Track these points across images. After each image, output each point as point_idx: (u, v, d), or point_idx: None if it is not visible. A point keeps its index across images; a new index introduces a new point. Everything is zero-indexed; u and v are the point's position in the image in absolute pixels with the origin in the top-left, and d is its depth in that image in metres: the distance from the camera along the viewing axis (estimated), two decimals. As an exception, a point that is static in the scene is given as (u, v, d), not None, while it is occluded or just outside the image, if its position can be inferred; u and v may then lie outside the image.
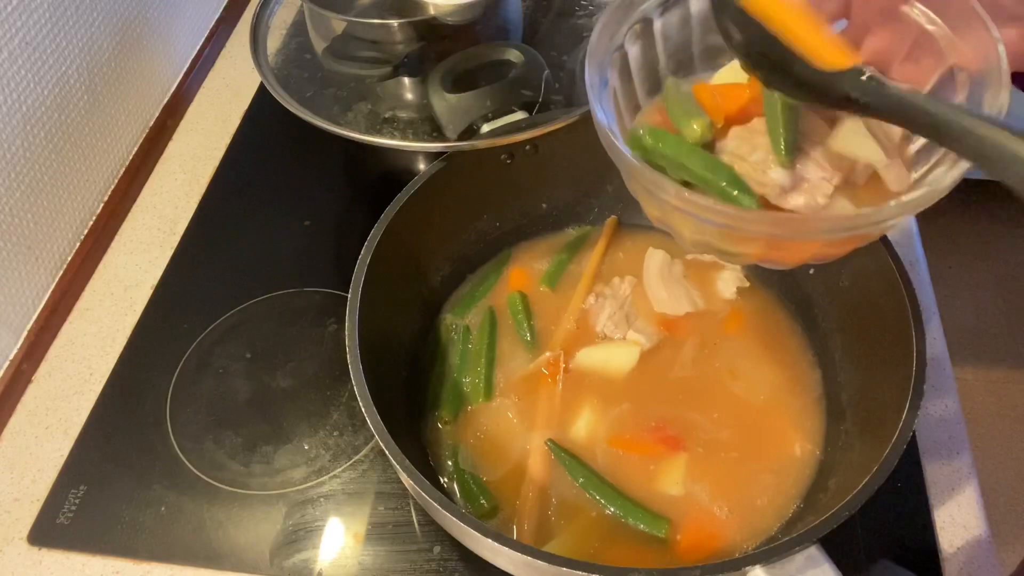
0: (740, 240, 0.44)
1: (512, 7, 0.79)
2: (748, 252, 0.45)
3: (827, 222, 0.43)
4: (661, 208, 0.46)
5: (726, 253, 0.46)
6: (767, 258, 0.46)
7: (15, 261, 0.73)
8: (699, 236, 0.45)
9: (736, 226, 0.42)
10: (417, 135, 0.72)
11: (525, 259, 0.74)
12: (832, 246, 0.45)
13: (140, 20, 0.89)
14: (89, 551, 0.62)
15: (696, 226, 0.45)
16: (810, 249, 0.45)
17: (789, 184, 0.44)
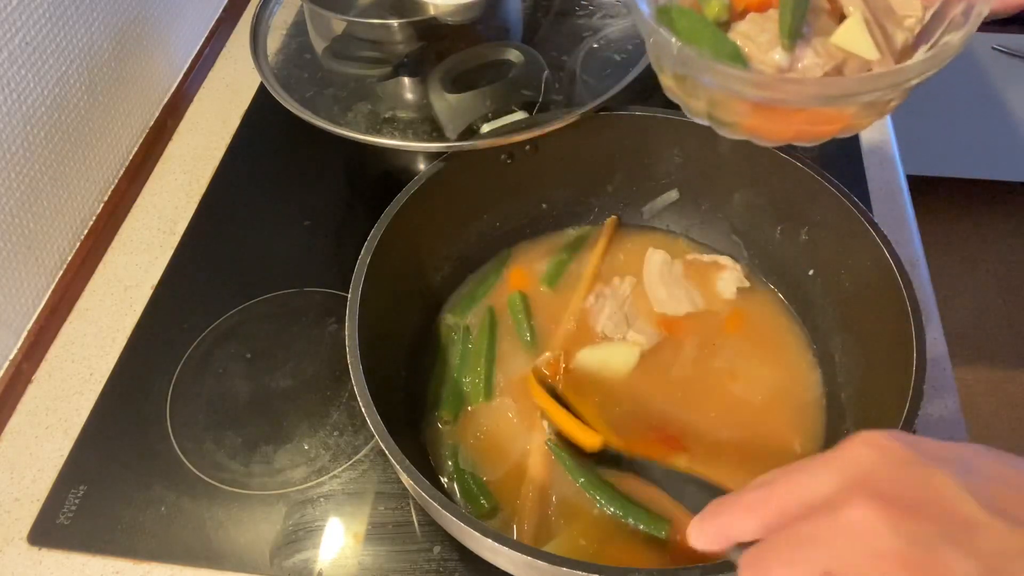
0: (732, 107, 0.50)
1: (512, 7, 0.79)
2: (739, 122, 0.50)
3: (815, 86, 0.47)
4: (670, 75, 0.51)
5: (722, 123, 0.51)
6: (756, 130, 0.51)
7: (15, 261, 0.73)
8: (700, 103, 0.51)
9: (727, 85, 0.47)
10: (417, 135, 0.72)
11: (525, 259, 0.74)
12: (815, 123, 0.49)
13: (140, 20, 0.89)
14: (89, 551, 0.62)
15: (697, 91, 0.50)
16: (795, 122, 0.49)
17: (786, 66, 0.48)
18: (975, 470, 0.29)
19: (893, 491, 0.28)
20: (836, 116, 0.49)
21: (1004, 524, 0.27)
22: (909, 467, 0.29)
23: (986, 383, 1.67)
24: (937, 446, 0.30)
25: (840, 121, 0.49)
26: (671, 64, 0.50)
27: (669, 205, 0.74)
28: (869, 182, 0.83)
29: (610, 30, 0.81)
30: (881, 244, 0.58)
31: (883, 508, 0.28)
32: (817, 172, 0.63)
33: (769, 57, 0.48)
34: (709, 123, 0.52)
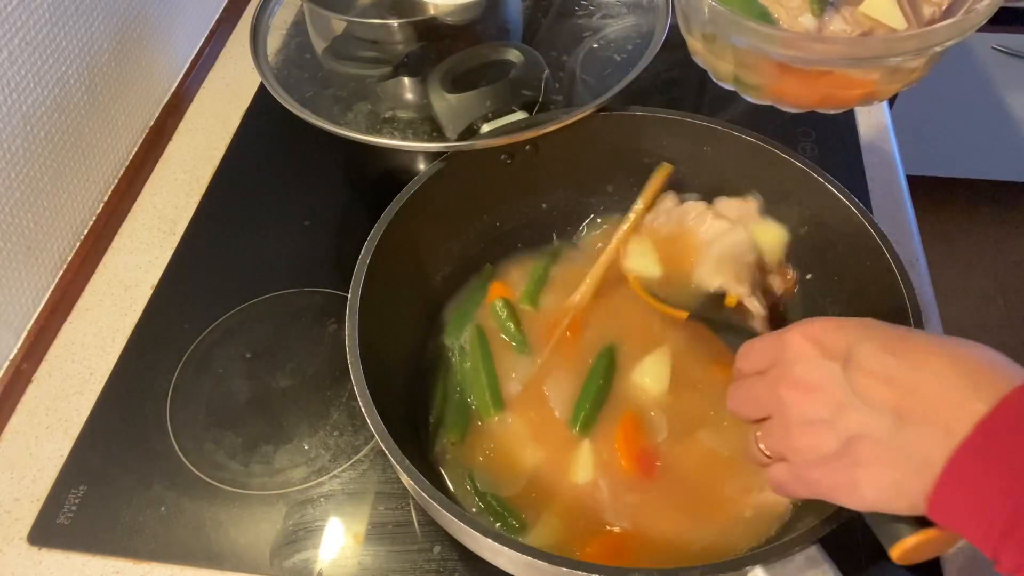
0: (758, 68, 0.51)
1: (512, 7, 0.79)
2: (764, 84, 0.52)
3: (842, 46, 0.48)
4: (701, 33, 0.53)
5: (748, 85, 0.53)
6: (781, 93, 0.52)
7: (15, 261, 0.73)
8: (727, 65, 0.52)
9: (756, 43, 0.48)
10: (417, 135, 0.72)
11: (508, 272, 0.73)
12: (841, 87, 0.50)
13: (140, 20, 0.89)
14: (89, 551, 0.62)
15: (725, 53, 0.51)
16: (821, 86, 0.50)
17: (814, 30, 0.49)
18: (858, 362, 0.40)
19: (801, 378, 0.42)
20: (861, 81, 0.49)
21: (866, 407, 0.39)
22: (814, 361, 0.42)
23: (986, 383, 1.67)
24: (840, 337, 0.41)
25: (864, 86, 0.50)
26: (701, 24, 0.50)
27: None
28: (869, 182, 0.83)
29: (610, 30, 0.81)
30: (881, 244, 0.58)
31: (795, 389, 0.42)
32: (817, 171, 0.63)
33: (797, 23, 0.49)
34: (734, 87, 0.53)
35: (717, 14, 0.47)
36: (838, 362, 0.41)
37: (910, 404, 0.38)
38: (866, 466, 0.39)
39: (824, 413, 0.41)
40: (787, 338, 0.44)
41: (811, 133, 0.86)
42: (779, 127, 0.83)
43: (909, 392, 0.38)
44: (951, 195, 1.92)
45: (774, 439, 0.44)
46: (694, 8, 0.49)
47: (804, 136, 0.86)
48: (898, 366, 0.39)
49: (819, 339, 0.42)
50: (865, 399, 0.39)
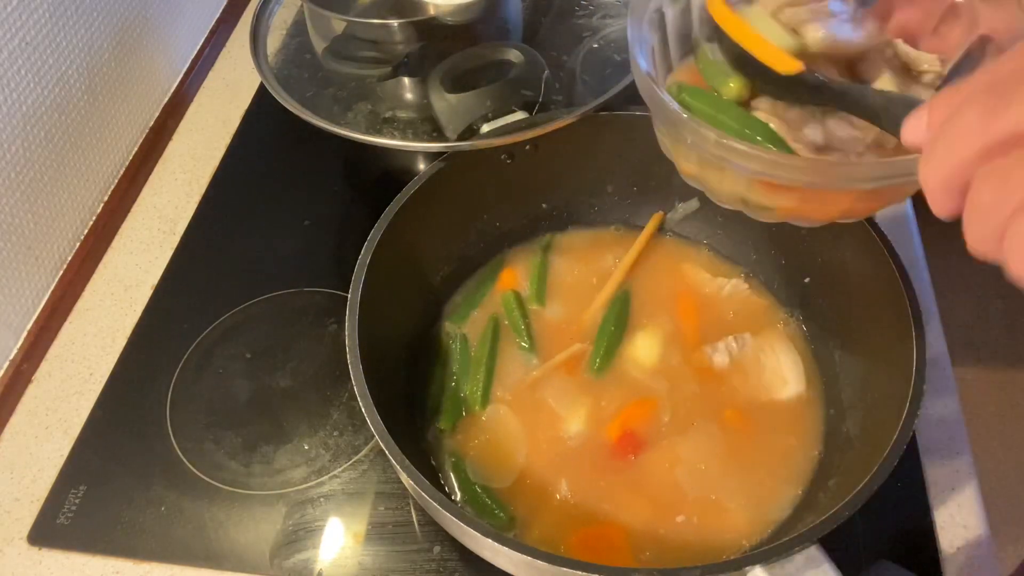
0: (774, 192, 0.45)
1: (512, 7, 0.79)
2: (781, 206, 0.46)
3: (863, 168, 0.43)
4: (696, 162, 0.47)
5: (759, 208, 0.47)
6: (798, 213, 0.47)
7: (15, 261, 0.73)
8: (734, 189, 0.46)
9: (773, 173, 0.43)
10: (417, 135, 0.72)
11: (519, 260, 0.74)
12: (862, 200, 0.46)
13: (140, 20, 0.89)
14: (89, 551, 0.62)
15: (732, 178, 0.46)
16: (841, 203, 0.45)
17: (822, 142, 0.45)
18: None
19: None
20: (885, 193, 0.45)
21: None
22: None
23: (986, 383, 1.67)
24: None
25: (889, 197, 0.46)
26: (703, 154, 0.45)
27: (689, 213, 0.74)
28: (869, 182, 0.83)
29: (610, 30, 0.81)
30: (881, 244, 0.58)
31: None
32: (817, 172, 0.63)
33: (802, 134, 0.45)
34: (741, 208, 0.48)
35: (727, 146, 0.42)
36: None
37: None
38: None
39: None
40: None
41: (811, 133, 0.86)
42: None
43: None
44: (951, 195, 1.91)
45: None
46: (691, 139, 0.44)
47: (804, 136, 0.86)
48: None
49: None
50: None
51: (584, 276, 0.72)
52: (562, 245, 0.75)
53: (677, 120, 0.45)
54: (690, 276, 0.72)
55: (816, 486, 0.58)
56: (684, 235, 0.74)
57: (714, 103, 0.46)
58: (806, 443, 0.61)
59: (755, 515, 0.58)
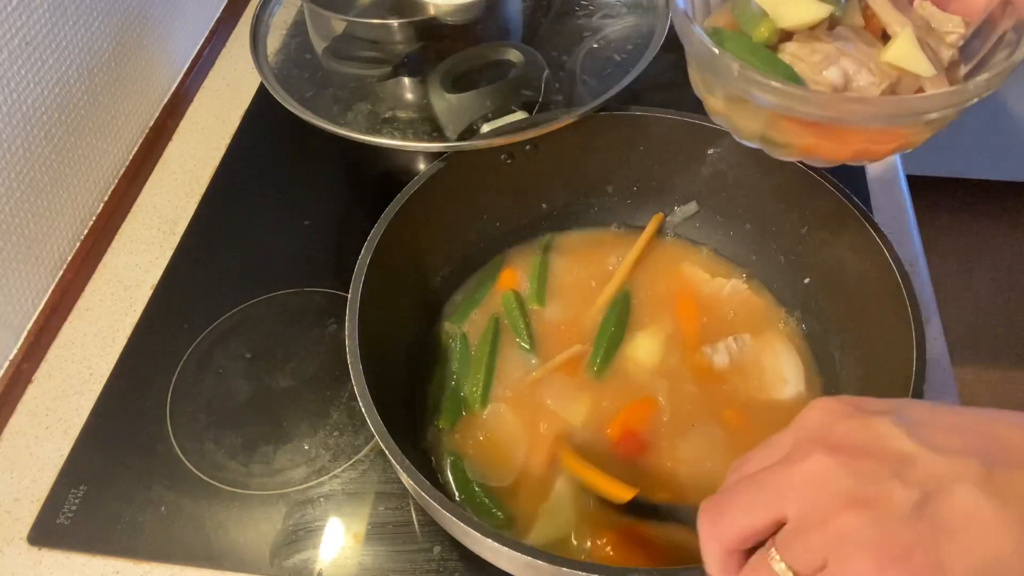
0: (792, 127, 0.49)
1: (512, 7, 0.79)
2: (797, 143, 0.49)
3: (873, 104, 0.47)
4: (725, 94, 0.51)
5: (777, 144, 0.50)
6: (814, 151, 0.50)
7: (15, 261, 0.73)
8: (755, 125, 0.50)
9: (791, 105, 0.46)
10: (417, 135, 0.72)
11: (519, 260, 0.74)
12: (874, 141, 0.49)
13: (140, 20, 0.89)
14: (89, 551, 0.62)
15: (753, 114, 0.50)
16: (855, 142, 0.49)
17: (841, 84, 0.48)
18: (908, 416, 0.32)
19: (841, 441, 0.32)
20: (895, 134, 0.48)
21: (935, 455, 0.30)
22: (853, 419, 0.32)
23: (986, 383, 1.67)
24: (875, 402, 0.33)
25: (899, 139, 0.49)
26: (728, 87, 0.49)
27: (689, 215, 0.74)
28: (869, 182, 0.83)
29: (610, 30, 0.81)
30: (881, 244, 0.58)
31: (834, 455, 0.31)
32: (817, 172, 0.63)
33: (823, 77, 0.48)
34: (761, 145, 0.51)
35: (748, 77, 0.46)
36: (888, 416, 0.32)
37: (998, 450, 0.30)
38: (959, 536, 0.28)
39: (885, 470, 0.30)
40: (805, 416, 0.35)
41: (811, 133, 0.86)
42: (779, 127, 0.83)
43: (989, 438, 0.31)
44: (951, 195, 1.92)
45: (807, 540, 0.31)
46: (722, 69, 0.47)
47: (804, 136, 0.86)
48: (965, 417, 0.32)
49: (853, 403, 0.34)
50: (936, 447, 0.30)
51: (584, 277, 0.72)
52: (562, 245, 0.75)
53: (707, 53, 0.48)
54: (690, 277, 0.72)
55: (816, 486, 0.58)
56: (684, 236, 0.74)
57: (744, 44, 0.50)
58: (806, 443, 0.61)
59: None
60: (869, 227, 0.60)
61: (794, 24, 0.50)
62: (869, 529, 0.29)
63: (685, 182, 0.72)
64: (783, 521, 0.32)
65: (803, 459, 0.32)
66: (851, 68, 0.48)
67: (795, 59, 0.49)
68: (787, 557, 0.31)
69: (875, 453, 0.31)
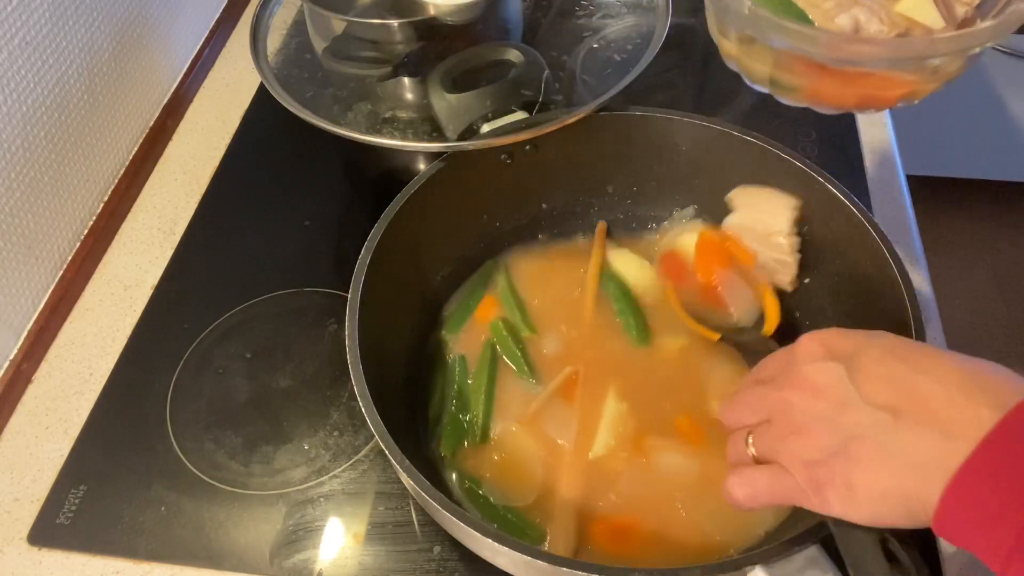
0: (799, 71, 0.50)
1: (512, 7, 0.79)
2: (804, 86, 0.51)
3: (875, 45, 0.48)
4: (737, 37, 0.52)
5: (784, 87, 0.52)
6: (820, 94, 0.51)
7: (15, 261, 0.73)
8: (763, 67, 0.51)
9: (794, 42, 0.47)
10: (417, 135, 0.72)
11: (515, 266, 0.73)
12: (881, 87, 0.50)
13: (140, 20, 0.89)
14: (89, 551, 0.62)
15: (761, 55, 0.51)
16: (862, 86, 0.50)
17: (852, 30, 0.49)
18: (863, 368, 0.40)
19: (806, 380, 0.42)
20: (901, 81, 0.49)
21: (863, 405, 0.39)
22: (822, 362, 0.42)
23: (986, 383, 1.67)
24: (848, 338, 0.42)
25: (904, 86, 0.49)
26: (740, 25, 0.50)
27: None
28: (869, 182, 0.83)
29: (610, 30, 0.81)
30: (881, 244, 0.58)
31: (798, 391, 0.42)
32: (817, 172, 0.63)
33: (835, 23, 0.48)
34: (770, 89, 0.52)
35: (757, 16, 0.47)
36: (843, 364, 0.41)
37: (910, 406, 0.38)
38: (863, 467, 0.38)
39: (827, 411, 0.41)
40: (798, 344, 0.44)
41: (811, 133, 0.86)
42: (779, 127, 0.83)
43: (910, 393, 0.38)
44: (951, 195, 1.92)
45: (769, 438, 0.44)
46: (731, 10, 0.48)
47: (804, 136, 0.86)
48: (902, 369, 0.39)
49: (828, 343, 0.43)
50: (866, 398, 0.39)
51: (563, 288, 0.71)
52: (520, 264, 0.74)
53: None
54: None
55: (816, 486, 0.58)
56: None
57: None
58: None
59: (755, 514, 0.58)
60: (869, 227, 0.60)
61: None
62: (809, 451, 0.41)
63: (685, 182, 0.72)
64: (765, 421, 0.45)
65: (781, 388, 0.43)
66: (863, 16, 0.49)
67: (809, 5, 0.50)
68: (756, 444, 0.45)
69: (824, 396, 0.41)
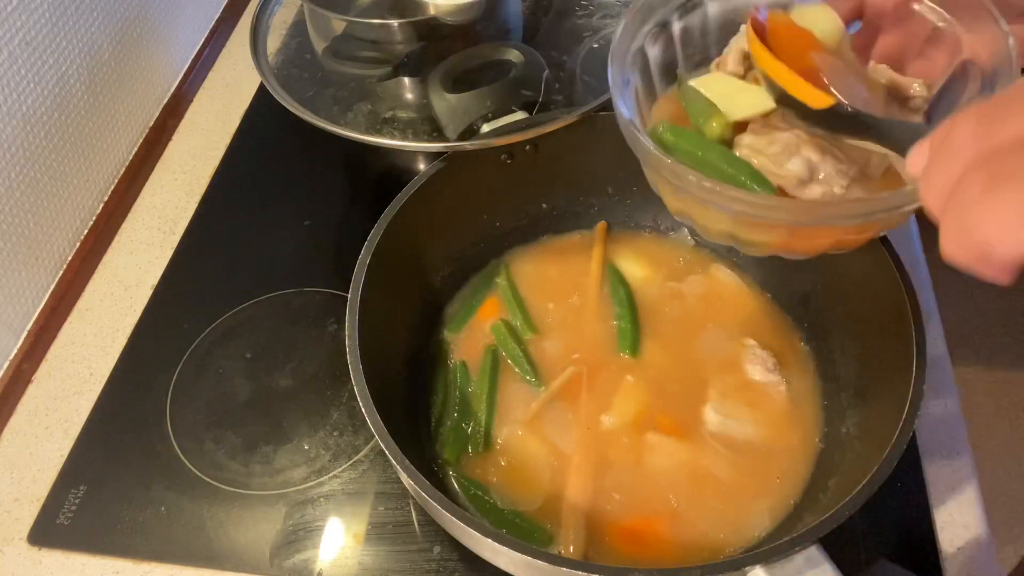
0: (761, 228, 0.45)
1: (512, 7, 0.79)
2: (768, 241, 0.46)
3: (845, 207, 0.44)
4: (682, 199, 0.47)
5: (747, 243, 0.47)
6: (787, 247, 0.47)
7: (15, 261, 0.73)
8: (720, 226, 0.47)
9: (756, 213, 0.43)
10: (417, 135, 0.72)
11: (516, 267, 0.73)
12: (851, 233, 0.46)
13: (140, 20, 0.89)
14: (89, 551, 0.62)
15: (717, 216, 0.46)
16: (829, 237, 0.46)
17: (807, 176, 0.45)
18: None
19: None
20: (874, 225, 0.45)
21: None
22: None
23: (986, 383, 1.67)
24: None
25: (877, 228, 0.47)
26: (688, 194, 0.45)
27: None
28: (869, 182, 0.83)
29: (610, 30, 0.81)
30: (881, 244, 0.58)
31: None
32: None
33: (786, 169, 0.45)
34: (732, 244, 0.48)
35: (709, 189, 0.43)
36: None
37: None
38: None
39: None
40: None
41: (811, 133, 0.86)
42: (779, 127, 0.83)
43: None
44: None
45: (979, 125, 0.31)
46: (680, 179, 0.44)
47: (804, 136, 0.86)
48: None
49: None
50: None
51: (566, 288, 0.71)
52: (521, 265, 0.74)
53: (661, 165, 0.45)
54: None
55: (816, 486, 0.58)
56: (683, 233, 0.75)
57: (697, 142, 0.47)
58: (806, 443, 0.61)
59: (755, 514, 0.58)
60: (869, 227, 0.59)
61: (746, 115, 0.47)
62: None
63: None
64: None
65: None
66: (814, 156, 0.45)
67: (753, 152, 0.46)
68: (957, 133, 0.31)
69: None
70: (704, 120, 0.48)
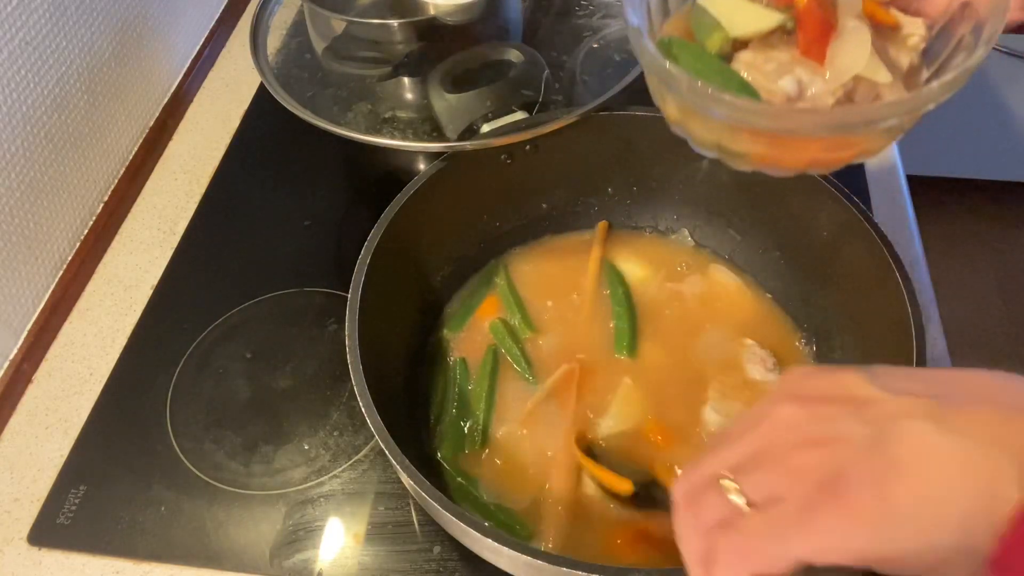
0: (744, 137, 0.48)
1: (512, 7, 0.79)
2: (751, 151, 0.49)
3: (823, 116, 0.46)
4: (680, 109, 0.50)
5: (733, 154, 0.50)
6: (769, 160, 0.49)
7: (15, 261, 0.73)
8: (710, 136, 0.49)
9: (739, 117, 0.46)
10: (417, 135, 0.72)
11: (515, 267, 0.73)
12: (829, 149, 0.48)
13: (140, 20, 0.89)
14: (89, 551, 0.62)
15: (707, 123, 0.49)
16: (809, 151, 0.48)
17: (795, 94, 0.47)
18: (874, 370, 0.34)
19: (810, 392, 0.35)
20: (851, 142, 0.48)
21: (893, 396, 0.32)
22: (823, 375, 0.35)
23: (986, 383, 1.67)
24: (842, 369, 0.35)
25: (855, 147, 0.48)
26: (680, 98, 0.48)
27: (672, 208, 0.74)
28: (869, 182, 0.83)
29: (610, 30, 0.81)
30: (881, 244, 0.58)
31: (801, 403, 0.34)
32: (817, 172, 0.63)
33: (777, 86, 0.47)
34: (718, 155, 0.51)
35: (698, 90, 0.45)
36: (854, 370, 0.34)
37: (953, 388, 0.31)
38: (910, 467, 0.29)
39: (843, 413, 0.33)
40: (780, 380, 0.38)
41: (811, 133, 0.86)
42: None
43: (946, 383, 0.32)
44: (951, 195, 1.92)
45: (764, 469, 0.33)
46: (672, 82, 0.47)
47: (804, 136, 0.86)
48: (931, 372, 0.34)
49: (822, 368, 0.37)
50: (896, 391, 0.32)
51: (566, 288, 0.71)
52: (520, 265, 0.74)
53: (658, 67, 0.47)
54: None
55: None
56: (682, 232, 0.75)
57: (697, 55, 0.49)
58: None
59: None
60: (870, 228, 0.60)
61: (746, 33, 0.49)
62: (825, 465, 0.31)
63: (684, 182, 0.72)
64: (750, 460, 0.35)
65: (772, 408, 0.35)
66: (805, 76, 0.47)
67: (749, 68, 0.48)
68: (744, 484, 0.33)
69: (838, 399, 0.33)
70: (706, 35, 0.50)
